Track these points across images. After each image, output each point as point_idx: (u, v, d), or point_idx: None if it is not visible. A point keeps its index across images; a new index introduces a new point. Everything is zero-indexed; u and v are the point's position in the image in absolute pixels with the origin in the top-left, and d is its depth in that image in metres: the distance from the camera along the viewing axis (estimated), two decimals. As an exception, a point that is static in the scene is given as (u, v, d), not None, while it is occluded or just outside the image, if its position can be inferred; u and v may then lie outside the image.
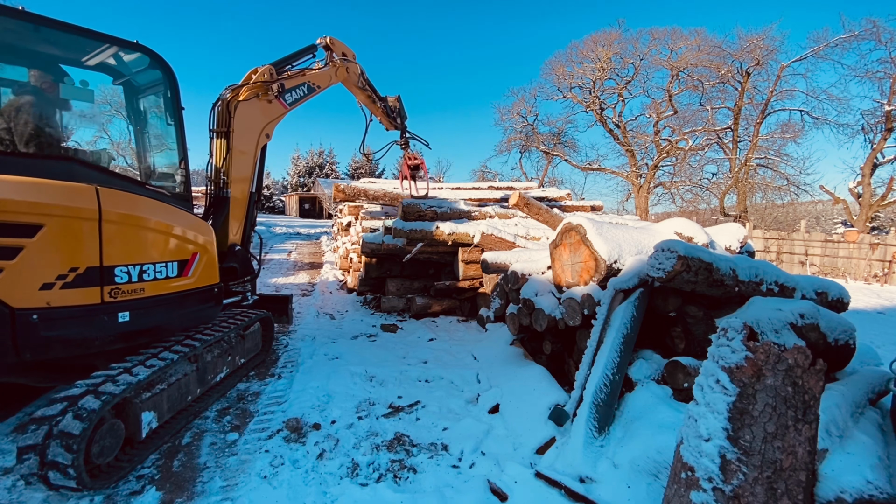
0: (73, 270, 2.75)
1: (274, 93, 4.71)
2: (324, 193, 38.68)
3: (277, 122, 4.91)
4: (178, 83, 3.76)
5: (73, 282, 2.75)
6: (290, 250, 15.88)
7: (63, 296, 2.72)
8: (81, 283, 2.78)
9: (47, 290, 2.66)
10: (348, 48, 5.62)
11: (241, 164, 4.62)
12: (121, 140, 4.01)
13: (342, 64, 5.44)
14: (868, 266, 14.21)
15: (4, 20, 2.96)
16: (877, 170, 20.42)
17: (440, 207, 6.72)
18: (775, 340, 1.84)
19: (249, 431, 3.33)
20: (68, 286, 2.74)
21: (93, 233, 2.82)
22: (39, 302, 2.63)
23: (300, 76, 5.00)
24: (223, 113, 4.45)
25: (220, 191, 4.55)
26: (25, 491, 2.55)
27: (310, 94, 5.16)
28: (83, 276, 2.79)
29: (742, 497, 1.62)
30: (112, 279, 2.93)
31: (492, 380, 4.20)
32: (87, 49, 3.47)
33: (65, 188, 2.77)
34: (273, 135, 4.96)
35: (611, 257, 3.53)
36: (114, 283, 2.94)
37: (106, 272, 2.89)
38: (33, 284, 2.62)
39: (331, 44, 5.28)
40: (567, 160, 31.04)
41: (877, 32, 19.53)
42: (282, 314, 5.82)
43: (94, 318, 2.86)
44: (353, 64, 5.67)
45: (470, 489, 2.69)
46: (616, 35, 27.37)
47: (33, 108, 3.14)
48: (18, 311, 2.56)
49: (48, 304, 2.66)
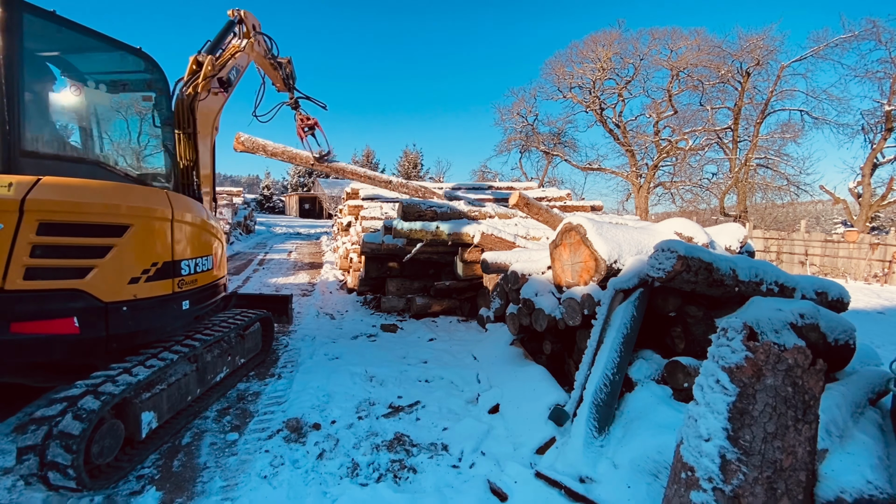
0: (154, 265, 3.12)
1: (223, 84, 4.60)
2: (324, 193, 38.67)
3: (221, 113, 4.83)
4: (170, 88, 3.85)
5: (154, 275, 3.12)
6: (290, 250, 15.88)
7: (146, 288, 3.07)
8: (160, 276, 3.16)
9: (134, 283, 2.99)
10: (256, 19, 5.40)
11: (206, 161, 4.57)
12: (131, 142, 4.05)
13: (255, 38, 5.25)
14: (868, 266, 14.21)
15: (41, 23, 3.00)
16: (877, 170, 20.42)
17: (440, 207, 6.72)
18: (775, 340, 1.84)
19: (249, 431, 3.33)
20: (150, 279, 3.09)
21: (166, 232, 3.22)
22: (128, 295, 2.96)
23: (232, 60, 4.82)
24: (185, 113, 4.30)
25: (194, 192, 4.44)
26: (25, 491, 2.55)
27: (238, 76, 5.03)
28: (161, 269, 3.17)
29: (742, 497, 1.62)
30: (179, 272, 3.35)
31: (492, 380, 4.20)
32: (97, 52, 3.53)
33: (146, 192, 3.18)
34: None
35: (611, 257, 3.53)
36: (180, 276, 3.36)
37: (175, 266, 3.30)
38: (122, 279, 2.93)
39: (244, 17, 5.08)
40: (567, 160, 31.04)
41: (877, 32, 19.53)
42: (282, 314, 5.82)
43: (167, 306, 3.26)
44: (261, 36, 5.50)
45: (470, 489, 2.69)
46: (616, 35, 27.38)
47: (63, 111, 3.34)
48: (110, 304, 2.85)
49: (135, 297, 3.00)
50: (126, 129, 4.00)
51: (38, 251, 2.60)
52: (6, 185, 2.54)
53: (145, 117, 4.01)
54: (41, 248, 2.61)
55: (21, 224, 2.52)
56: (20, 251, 2.54)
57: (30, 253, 2.57)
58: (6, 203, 2.50)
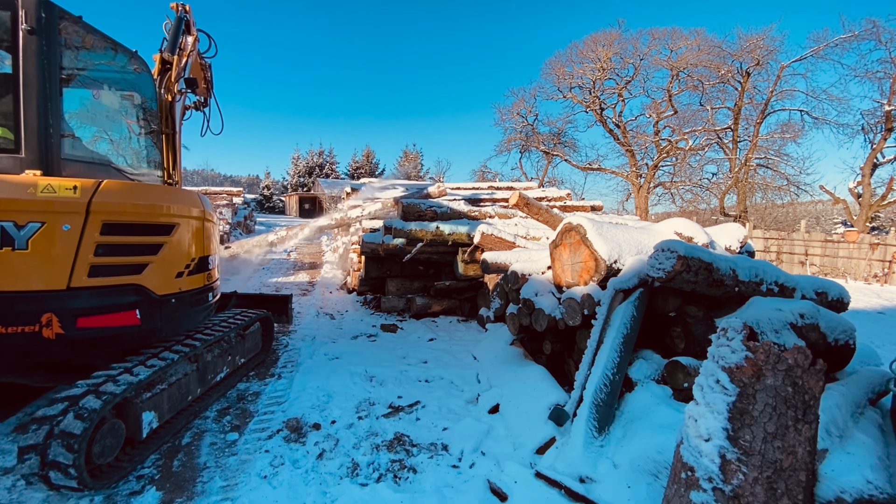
0: (193, 261, 3.38)
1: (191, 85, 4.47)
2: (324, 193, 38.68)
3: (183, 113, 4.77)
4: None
5: (194, 269, 3.39)
6: (290, 250, 15.88)
7: (188, 282, 3.34)
8: (197, 270, 3.44)
9: (179, 277, 3.24)
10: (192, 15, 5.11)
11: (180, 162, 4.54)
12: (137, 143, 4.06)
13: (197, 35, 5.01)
14: (868, 266, 14.21)
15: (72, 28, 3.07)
16: (877, 170, 20.43)
17: (440, 207, 6.72)
18: (775, 340, 1.84)
19: (249, 431, 3.33)
20: (191, 273, 3.36)
21: (201, 230, 3.49)
22: (175, 288, 3.21)
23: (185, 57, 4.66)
24: (165, 114, 4.23)
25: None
26: (26, 491, 2.55)
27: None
28: (198, 264, 3.44)
29: (742, 497, 1.62)
30: (207, 266, 3.62)
31: (492, 380, 4.20)
32: (110, 58, 3.58)
33: (185, 194, 3.44)
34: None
35: (611, 257, 3.53)
36: (208, 270, 3.64)
37: (204, 261, 3.55)
38: (171, 273, 3.17)
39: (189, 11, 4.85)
40: (567, 160, 31.05)
41: (877, 32, 19.54)
42: (282, 314, 5.83)
43: (201, 297, 3.55)
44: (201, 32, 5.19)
45: (470, 489, 2.69)
46: (616, 35, 27.38)
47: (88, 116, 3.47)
48: (162, 296, 3.08)
49: (180, 290, 3.26)
50: (128, 131, 4.01)
51: (101, 250, 2.76)
52: (71, 188, 2.67)
53: (140, 119, 4.04)
54: (104, 247, 2.78)
55: (86, 225, 2.68)
56: (85, 250, 2.69)
57: (94, 252, 2.73)
58: (73, 205, 2.65)
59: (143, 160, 4.03)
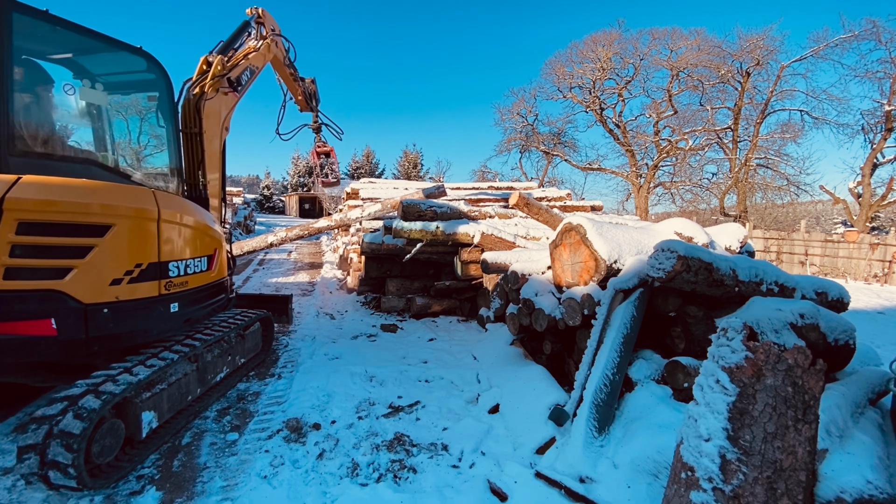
0: (138, 266, 3.01)
1: (232, 84, 4.58)
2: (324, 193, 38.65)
3: (232, 113, 4.80)
4: (172, 86, 3.83)
5: (138, 277, 3.01)
6: (290, 250, 15.87)
7: (130, 290, 2.97)
8: (145, 277, 3.05)
9: (116, 285, 2.88)
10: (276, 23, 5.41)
11: (214, 162, 4.57)
12: (130, 142, 4.04)
13: (273, 39, 5.23)
14: (868, 266, 14.21)
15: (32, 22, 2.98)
16: (877, 170, 20.41)
17: (440, 207, 6.72)
18: (775, 340, 1.84)
19: (249, 431, 3.33)
20: (134, 281, 2.98)
21: (153, 232, 3.10)
22: (110, 297, 2.85)
23: (245, 61, 4.81)
24: (191, 113, 4.32)
25: (199, 191, 4.48)
26: (26, 491, 2.55)
27: (252, 76, 5.01)
28: (146, 271, 3.06)
29: (742, 497, 1.62)
30: (167, 273, 3.22)
31: (492, 380, 4.20)
32: (96, 52, 3.52)
33: (131, 191, 3.06)
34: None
35: (611, 257, 3.53)
36: (168, 277, 3.23)
37: (162, 267, 3.18)
38: (104, 280, 2.82)
39: (262, 16, 5.02)
40: (567, 160, 31.03)
41: (877, 32, 19.52)
42: (282, 314, 5.83)
43: (152, 309, 3.13)
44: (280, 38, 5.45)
45: (470, 489, 2.69)
46: (616, 35, 27.36)
47: (56, 110, 3.28)
48: (90, 305, 2.75)
49: (117, 299, 2.89)
50: (126, 128, 3.99)
51: (17, 251, 2.53)
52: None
53: (146, 117, 4.00)
54: (21, 248, 2.54)
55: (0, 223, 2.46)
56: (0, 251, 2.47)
57: (9, 253, 2.50)
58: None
59: (143, 159, 4.02)
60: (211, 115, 4.45)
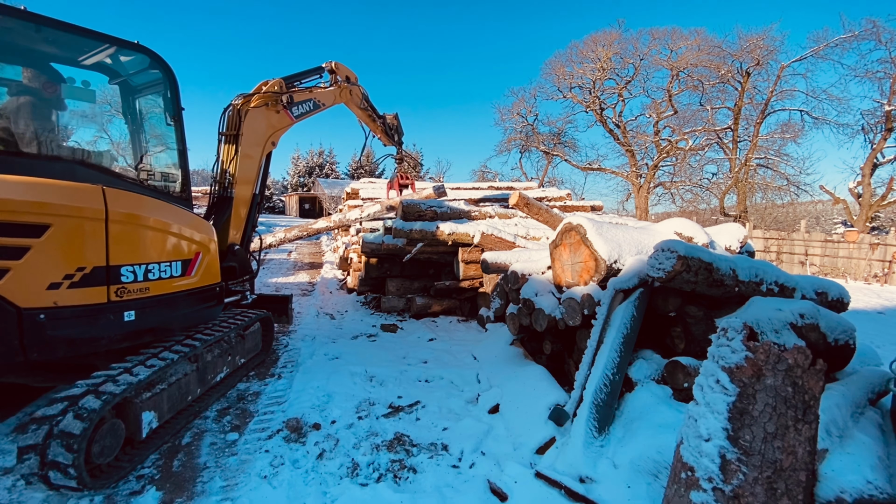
0: (80, 270, 2.76)
1: (283, 104, 4.96)
2: (324, 193, 38.66)
3: (283, 132, 5.14)
4: (177, 83, 3.78)
5: (80, 281, 2.76)
6: (290, 250, 15.87)
7: (70, 295, 2.72)
8: (88, 282, 2.79)
9: (54, 289, 2.67)
10: (352, 72, 6.11)
11: (247, 167, 4.77)
12: (122, 140, 4.01)
13: (346, 87, 5.92)
14: (868, 266, 14.21)
15: (7, 20, 2.95)
16: (877, 170, 20.42)
17: (440, 207, 6.72)
18: (775, 340, 1.84)
19: (249, 431, 3.33)
20: (75, 285, 2.74)
21: (99, 232, 2.83)
22: (46, 301, 2.64)
23: (307, 93, 5.35)
24: (233, 117, 4.63)
25: (225, 191, 4.67)
26: (26, 491, 2.55)
27: (314, 110, 5.49)
28: (90, 275, 2.80)
29: (742, 497, 1.62)
30: (118, 279, 2.94)
31: (492, 380, 4.20)
32: (87, 49, 3.47)
33: (71, 188, 2.77)
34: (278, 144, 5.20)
35: (611, 257, 3.53)
36: (120, 283, 2.95)
37: (112, 272, 2.91)
38: (40, 284, 2.62)
39: (336, 68, 5.82)
40: (567, 160, 31.06)
41: (877, 32, 19.54)
42: (282, 314, 5.82)
43: (100, 317, 2.87)
44: (356, 87, 6.12)
45: (470, 489, 2.69)
46: (616, 35, 27.39)
47: (37, 109, 3.17)
48: (25, 310, 2.56)
49: (55, 304, 2.67)
50: (122, 127, 3.95)
51: None
52: None
53: (147, 115, 3.98)
54: None
55: None
56: None
57: None
58: None
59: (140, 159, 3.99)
60: (253, 122, 4.70)
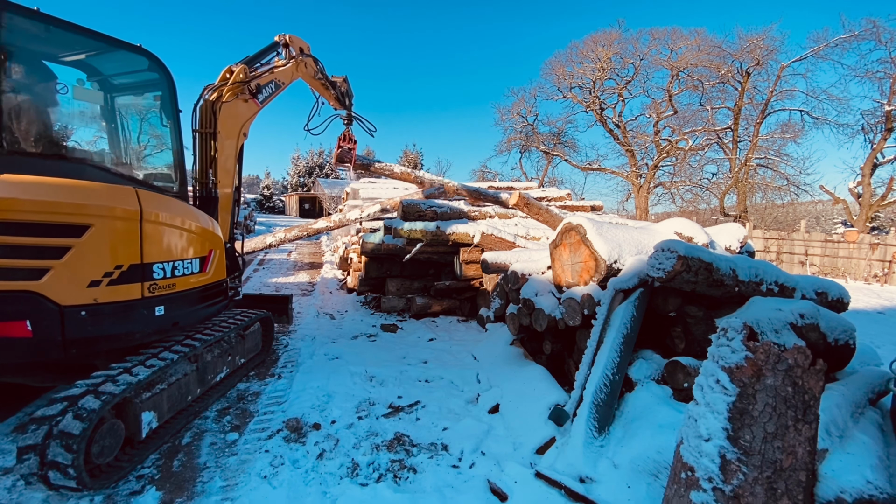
0: (119, 268, 2.91)
1: (252, 92, 4.79)
2: (324, 193, 38.65)
3: (252, 121, 4.97)
4: (175, 86, 3.80)
5: (119, 279, 2.90)
6: (290, 250, 15.87)
7: (109, 292, 2.86)
8: (125, 279, 2.94)
9: (95, 287, 2.79)
10: (305, 42, 5.81)
11: (227, 163, 4.69)
12: (126, 141, 4.03)
13: (301, 59, 5.66)
14: (868, 266, 14.21)
15: (23, 20, 2.98)
16: (877, 170, 20.41)
17: (440, 207, 6.72)
18: (775, 340, 1.84)
19: (249, 431, 3.33)
20: (114, 283, 2.88)
21: (134, 232, 2.99)
22: (87, 299, 2.76)
23: (269, 74, 5.10)
24: (207, 114, 4.46)
25: (210, 190, 4.57)
26: (25, 491, 2.55)
27: (277, 90, 5.27)
28: (127, 272, 2.95)
29: (742, 497, 1.62)
30: (151, 275, 3.11)
31: (492, 380, 4.20)
32: (92, 51, 3.51)
33: (110, 190, 2.93)
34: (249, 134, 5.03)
35: (611, 257, 3.53)
36: (152, 279, 3.12)
37: (146, 269, 3.07)
38: (81, 282, 2.74)
39: (290, 41, 5.50)
40: (567, 160, 31.04)
41: (877, 32, 19.52)
42: (282, 314, 5.83)
43: (135, 312, 3.02)
44: (310, 58, 5.87)
45: (470, 489, 2.69)
46: (616, 35, 27.37)
47: (47, 109, 3.23)
48: (67, 307, 2.67)
49: (95, 301, 2.80)
50: (125, 127, 3.98)
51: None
52: None
53: (146, 116, 4.00)
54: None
55: None
56: None
57: None
58: None
59: (142, 158, 4.01)
60: (227, 118, 4.57)
